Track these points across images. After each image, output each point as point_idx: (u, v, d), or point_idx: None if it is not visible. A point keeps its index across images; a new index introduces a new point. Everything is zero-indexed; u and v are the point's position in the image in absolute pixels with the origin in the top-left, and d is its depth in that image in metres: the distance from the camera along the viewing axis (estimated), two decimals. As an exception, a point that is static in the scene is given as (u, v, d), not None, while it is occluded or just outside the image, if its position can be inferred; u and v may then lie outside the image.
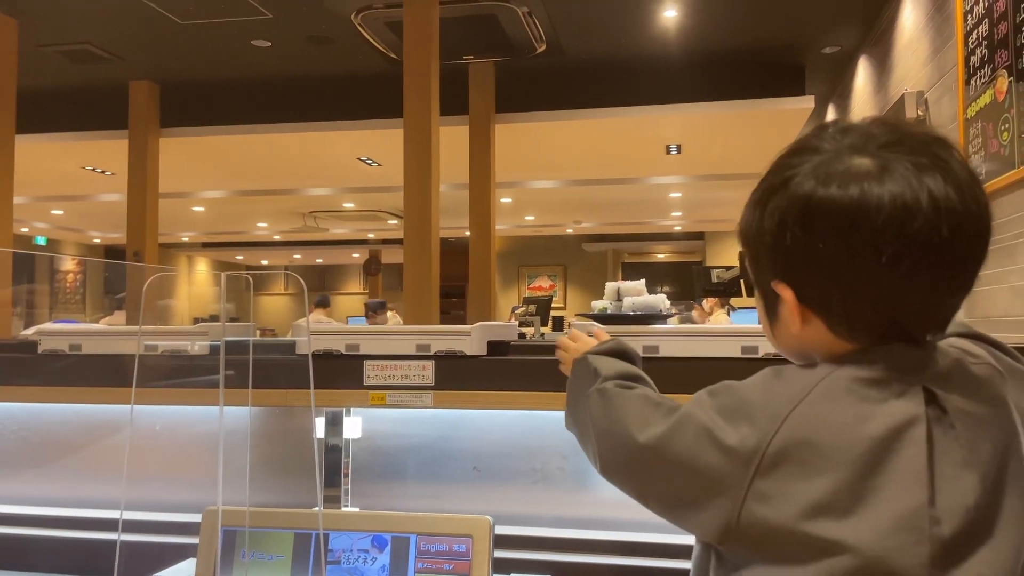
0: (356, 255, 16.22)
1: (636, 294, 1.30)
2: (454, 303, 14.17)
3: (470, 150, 6.13)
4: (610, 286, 1.37)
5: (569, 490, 1.54)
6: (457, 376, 1.37)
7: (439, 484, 1.59)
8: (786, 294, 0.71)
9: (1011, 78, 3.11)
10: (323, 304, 8.62)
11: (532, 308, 9.47)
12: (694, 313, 6.22)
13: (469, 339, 1.36)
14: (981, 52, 3.44)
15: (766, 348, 1.25)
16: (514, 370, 1.37)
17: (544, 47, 5.66)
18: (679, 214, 11.80)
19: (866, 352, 0.68)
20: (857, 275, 0.66)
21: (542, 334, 8.62)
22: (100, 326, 1.64)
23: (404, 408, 1.40)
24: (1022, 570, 0.64)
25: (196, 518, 1.36)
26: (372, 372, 1.39)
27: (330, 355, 1.41)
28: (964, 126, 3.67)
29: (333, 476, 1.55)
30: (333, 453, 1.57)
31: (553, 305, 9.11)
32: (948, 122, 3.96)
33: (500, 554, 1.29)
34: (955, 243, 0.64)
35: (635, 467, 0.76)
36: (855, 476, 0.62)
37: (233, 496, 1.29)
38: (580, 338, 1.08)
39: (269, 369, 1.40)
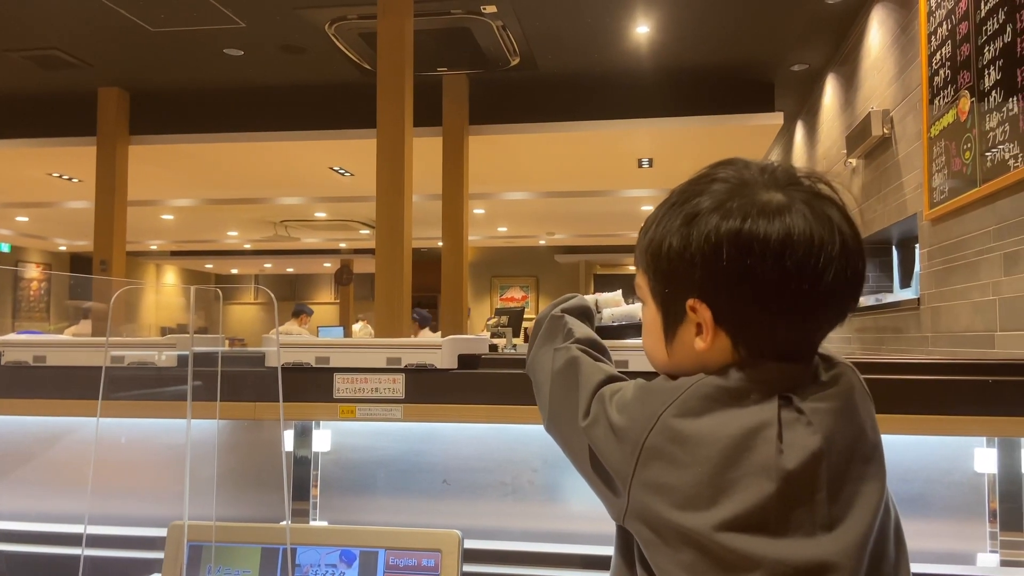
0: (327, 264, 16.13)
1: (615, 305, 1.32)
2: (426, 314, 14.11)
3: (443, 161, 6.14)
4: (588, 298, 1.40)
5: (539, 503, 1.54)
6: (428, 390, 1.37)
7: (408, 498, 1.58)
8: (704, 313, 0.75)
9: (973, 98, 3.20)
10: (301, 314, 8.53)
11: (504, 319, 9.51)
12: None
13: (440, 353, 1.36)
14: (944, 73, 3.54)
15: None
16: (485, 384, 1.37)
17: (518, 60, 5.69)
18: (651, 227, 11.87)
19: (731, 366, 0.75)
20: (784, 300, 0.72)
21: (514, 346, 8.65)
22: (65, 336, 1.61)
23: (374, 421, 1.40)
24: (872, 549, 0.71)
25: (162, 532, 1.34)
26: (342, 385, 1.39)
27: (300, 368, 1.40)
28: (928, 144, 3.76)
29: (301, 489, 1.54)
30: (301, 466, 1.56)
31: (525, 316, 9.15)
32: (913, 140, 4.06)
33: (469, 568, 1.29)
34: (856, 279, 0.74)
35: (571, 443, 0.83)
36: (713, 472, 0.69)
37: (200, 510, 1.27)
38: None
39: (238, 381, 1.39)
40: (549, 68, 5.91)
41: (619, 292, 1.35)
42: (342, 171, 7.72)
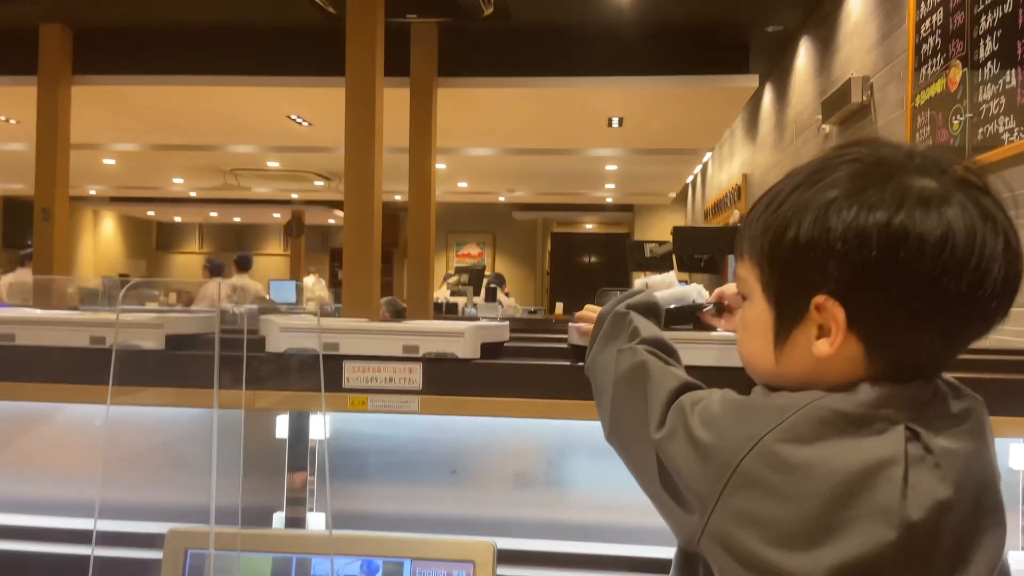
0: (277, 215, 15.67)
1: (666, 287, 1.23)
2: (383, 268, 13.92)
3: (411, 114, 5.92)
4: (637, 283, 1.30)
5: (553, 495, 1.46)
6: (447, 380, 1.26)
7: (414, 486, 1.49)
8: (836, 313, 0.66)
9: (965, 68, 3.16)
10: (243, 266, 8.21)
11: (465, 278, 9.34)
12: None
13: (462, 341, 1.25)
14: (934, 41, 3.48)
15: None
16: (509, 375, 1.26)
17: (491, 10, 5.47)
18: (612, 186, 11.84)
19: (854, 387, 0.66)
20: (938, 303, 0.64)
21: (474, 305, 8.53)
22: (55, 313, 1.45)
23: (387, 413, 1.28)
24: None
25: (154, 528, 1.22)
26: (352, 374, 1.27)
27: (304, 354, 1.27)
28: (912, 114, 3.73)
29: (299, 478, 1.43)
30: (299, 453, 1.45)
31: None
32: (894, 109, 4.02)
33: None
34: (1016, 283, 0.67)
35: (637, 456, 0.76)
36: (824, 509, 0.61)
37: (197, 496, 1.15)
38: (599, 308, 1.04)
39: (234, 368, 1.25)
40: (523, 20, 5.70)
41: (672, 274, 1.25)
42: (300, 120, 7.40)
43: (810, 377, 0.69)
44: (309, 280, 11.86)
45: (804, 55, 5.90)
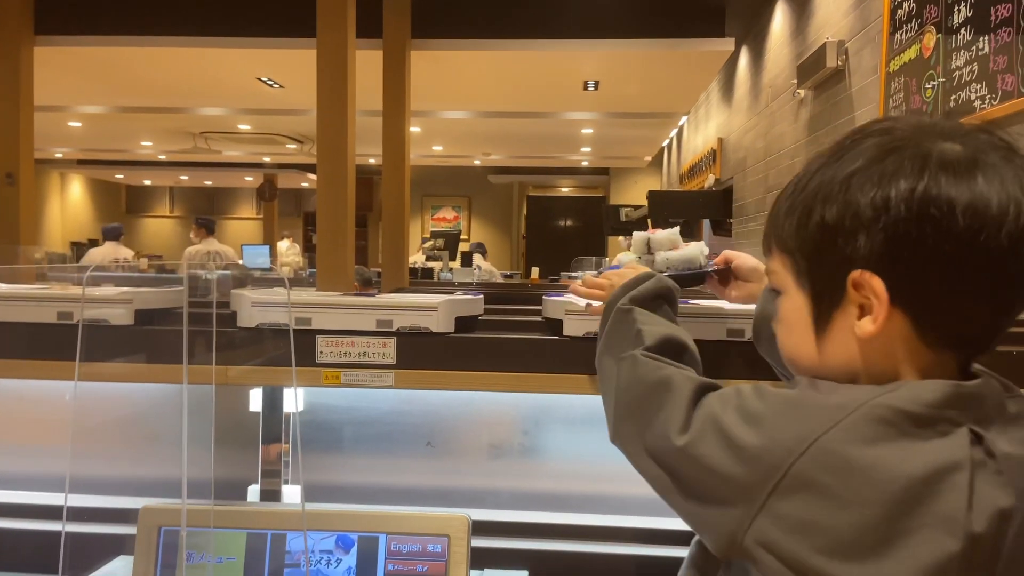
0: (249, 179, 15.44)
1: (671, 247, 1.17)
2: (357, 233, 13.81)
3: (384, 76, 5.81)
4: (638, 236, 1.22)
5: (528, 466, 1.48)
6: (421, 355, 1.26)
7: (389, 459, 1.50)
8: (875, 285, 0.63)
9: (940, 35, 3.16)
10: (209, 229, 8.05)
11: (440, 243, 9.31)
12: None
13: (436, 315, 1.25)
14: (909, 6, 3.48)
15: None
16: (483, 349, 1.26)
17: (465, -30, 5.37)
18: (588, 149, 11.79)
19: (912, 384, 0.63)
20: (976, 264, 0.61)
21: (451, 270, 8.51)
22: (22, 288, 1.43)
23: (361, 387, 1.28)
24: None
25: (127, 503, 1.21)
26: (326, 348, 1.26)
27: (277, 329, 1.26)
28: (885, 79, 3.74)
29: (273, 451, 1.43)
30: (272, 428, 1.45)
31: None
32: (869, 75, 4.03)
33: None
34: None
35: (644, 464, 0.72)
36: (884, 516, 0.57)
37: (170, 471, 1.15)
38: (617, 277, 0.99)
39: (205, 342, 1.24)
40: (497, -20, 5.61)
41: (676, 230, 1.19)
42: (271, 82, 7.26)
43: (856, 364, 0.67)
44: (283, 244, 11.74)
45: (780, 18, 5.86)
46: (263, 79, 7.14)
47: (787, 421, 0.63)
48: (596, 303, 1.01)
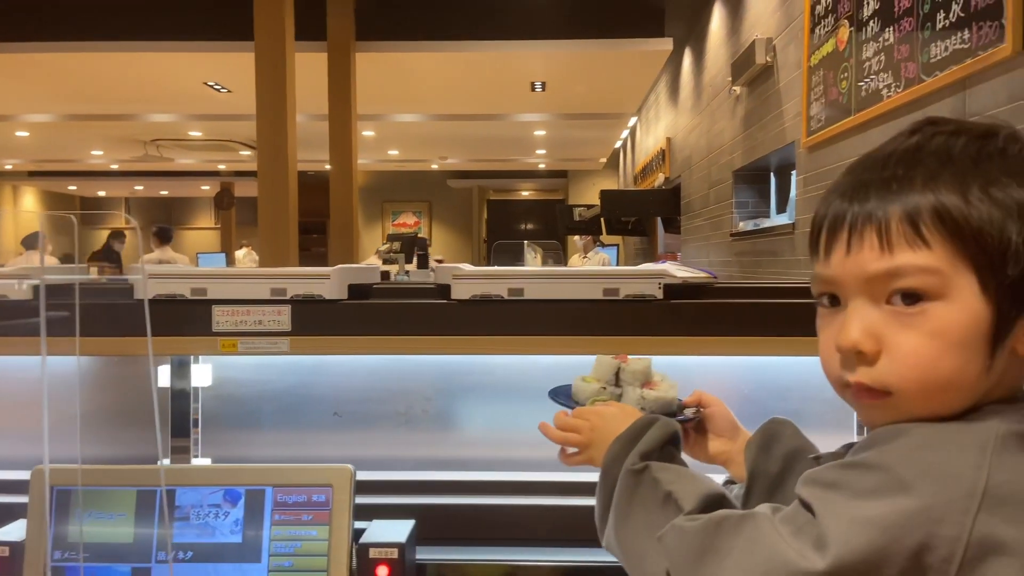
0: (206, 188, 15.30)
1: (644, 380, 1.02)
2: (314, 239, 13.74)
3: (329, 78, 5.86)
4: (605, 362, 1.06)
5: (433, 432, 1.53)
6: (316, 321, 1.31)
7: (298, 431, 1.54)
8: None
9: (852, 28, 3.30)
10: (164, 238, 7.98)
11: (396, 245, 9.31)
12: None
13: (328, 283, 1.30)
14: (826, 2, 3.62)
15: (627, 291, 1.27)
16: (377, 314, 1.32)
17: (407, -27, 5.44)
18: (543, 152, 11.91)
19: (1012, 402, 0.60)
20: None
21: (406, 272, 8.52)
22: None
23: (258, 355, 1.33)
24: None
25: (25, 475, 1.24)
26: (222, 318, 1.31)
27: (175, 300, 1.30)
28: (807, 73, 3.88)
29: (182, 427, 1.47)
30: (181, 402, 1.48)
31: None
32: (794, 69, 4.17)
33: (362, 500, 1.27)
34: None
35: None
36: None
37: (68, 452, 1.18)
38: (597, 418, 0.84)
39: (106, 314, 1.28)
40: (439, -17, 5.69)
41: (650, 360, 1.05)
42: (218, 87, 7.24)
43: (992, 380, 0.59)
44: (240, 253, 11.66)
45: (717, 19, 6.02)
46: (210, 84, 7.12)
47: (935, 494, 0.53)
48: (572, 450, 0.86)
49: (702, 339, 1.27)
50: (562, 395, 1.04)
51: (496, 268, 1.33)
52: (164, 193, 16.56)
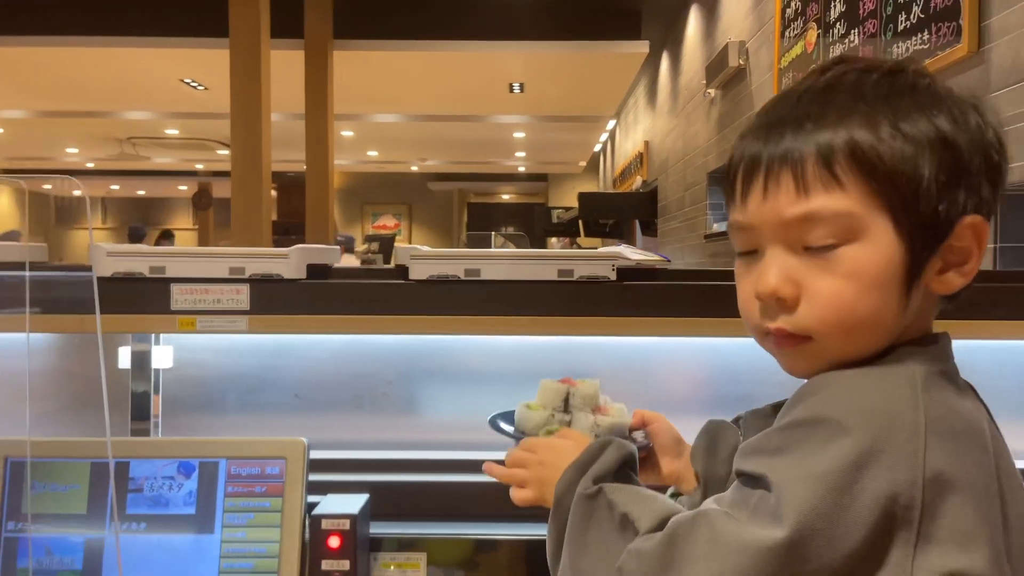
0: (183, 188, 15.19)
1: (591, 405, 0.97)
2: (294, 240, 13.68)
3: (306, 77, 5.85)
4: (551, 387, 0.99)
5: (393, 415, 1.54)
6: (274, 300, 1.32)
7: (258, 414, 1.55)
8: (984, 232, 0.59)
9: (819, 30, 3.36)
10: (135, 237, 7.97)
11: (375, 246, 9.32)
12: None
13: (287, 262, 1.31)
14: (796, 5, 3.69)
15: (581, 272, 1.29)
16: (336, 293, 1.34)
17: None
18: (523, 155, 11.95)
19: (927, 341, 0.62)
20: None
21: (384, 272, 8.52)
22: None
23: (217, 333, 1.34)
24: None
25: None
26: (180, 296, 1.31)
27: (133, 278, 1.31)
28: (778, 75, 3.94)
29: (141, 409, 1.47)
30: (141, 384, 1.49)
31: (396, 243, 9.03)
32: (765, 71, 4.24)
33: (317, 478, 1.29)
34: None
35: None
36: (995, 488, 0.56)
37: (21, 428, 1.19)
38: (548, 451, 0.77)
39: (60, 292, 1.29)
40: (418, -18, 5.71)
41: (598, 382, 1.00)
42: (195, 84, 7.21)
43: (907, 318, 0.60)
44: (217, 253, 11.57)
45: (693, 22, 6.09)
46: (187, 81, 7.09)
47: (889, 431, 0.54)
48: (523, 492, 0.77)
49: (655, 320, 1.29)
50: (504, 421, 0.96)
51: (453, 250, 1.35)
52: (141, 193, 16.42)
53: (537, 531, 1.26)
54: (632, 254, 1.33)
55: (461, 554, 1.23)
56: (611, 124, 10.13)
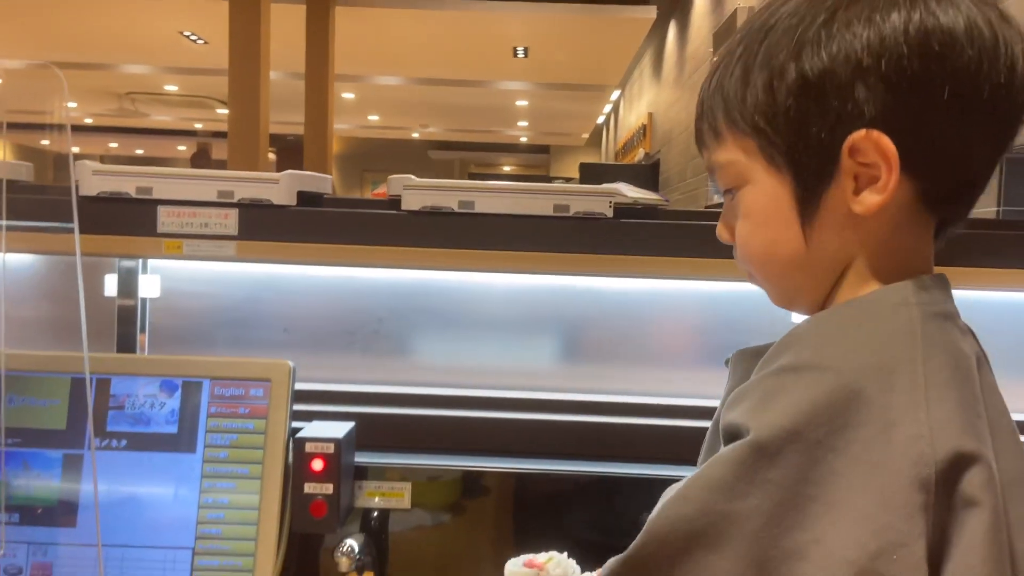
0: (182, 148, 15.06)
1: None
2: (291, 203, 13.61)
3: (307, 33, 5.77)
4: (518, 574, 0.94)
5: (382, 354, 1.53)
6: (263, 226, 1.30)
7: (246, 348, 1.53)
8: (884, 145, 0.54)
9: (829, -5, 3.30)
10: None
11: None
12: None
13: (277, 187, 1.29)
14: (806, -30, 3.62)
15: (577, 207, 1.27)
16: (327, 222, 1.31)
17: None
18: (525, 124, 11.86)
19: (920, 279, 0.58)
20: (980, 103, 0.55)
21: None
22: None
23: (204, 259, 1.31)
24: None
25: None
26: (167, 219, 1.29)
27: (119, 198, 1.29)
28: None
29: (127, 339, 1.45)
30: (127, 312, 1.46)
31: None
32: (773, 39, 4.17)
33: (303, 407, 1.27)
34: None
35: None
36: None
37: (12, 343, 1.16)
38: None
39: (41, 211, 1.26)
40: (423, -61, 5.61)
41: (565, 556, 0.96)
42: (194, 37, 7.11)
43: (852, 250, 0.58)
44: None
45: (702, -11, 6.01)
46: (186, 34, 6.99)
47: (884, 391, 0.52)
48: None
49: (652, 259, 1.27)
50: None
51: (447, 180, 1.32)
52: (140, 152, 16.29)
53: (523, 465, 1.25)
54: (630, 191, 1.30)
55: (447, 485, 1.22)
56: (615, 95, 10.04)
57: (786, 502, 0.49)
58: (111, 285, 1.47)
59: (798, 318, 0.65)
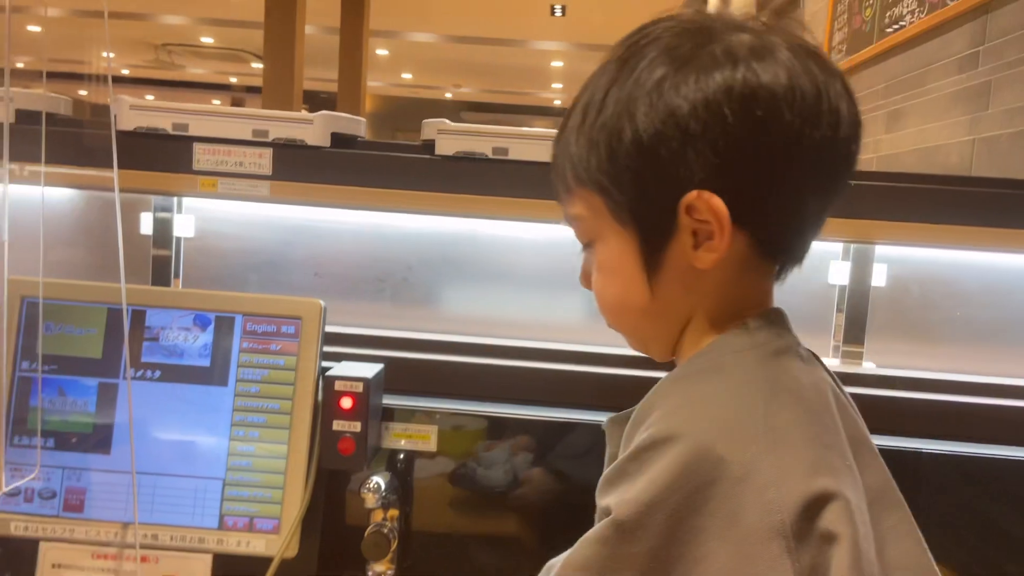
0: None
1: None
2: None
3: (343, -16, 5.71)
4: None
5: (412, 302, 1.53)
6: (297, 167, 1.30)
7: (278, 289, 1.54)
8: (715, 205, 0.55)
9: (880, -47, 3.19)
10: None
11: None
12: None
13: (311, 128, 1.28)
14: (858, -73, 3.50)
15: (614, 156, 1.24)
16: (360, 164, 1.31)
17: None
18: (560, 86, 11.71)
19: (757, 319, 0.61)
20: (805, 159, 0.56)
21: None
22: None
23: (237, 199, 1.32)
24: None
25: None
26: (203, 156, 1.29)
27: (155, 134, 1.29)
28: (833, 4, 3.78)
29: (162, 276, 1.47)
30: (162, 251, 1.48)
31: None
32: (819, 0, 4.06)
33: (332, 349, 1.28)
34: (859, 122, 0.59)
35: None
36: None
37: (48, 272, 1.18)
38: None
39: (79, 145, 1.27)
40: None
41: None
42: (232, -11, 7.09)
43: (693, 298, 0.61)
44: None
45: (748, -51, 5.83)
46: (223, -16, 6.98)
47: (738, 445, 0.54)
48: None
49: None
50: None
51: (481, 125, 1.31)
52: (175, 105, 16.41)
53: (549, 413, 1.25)
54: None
55: (473, 429, 1.22)
56: (652, 58, 9.86)
57: (656, 568, 0.51)
58: (147, 223, 1.48)
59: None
